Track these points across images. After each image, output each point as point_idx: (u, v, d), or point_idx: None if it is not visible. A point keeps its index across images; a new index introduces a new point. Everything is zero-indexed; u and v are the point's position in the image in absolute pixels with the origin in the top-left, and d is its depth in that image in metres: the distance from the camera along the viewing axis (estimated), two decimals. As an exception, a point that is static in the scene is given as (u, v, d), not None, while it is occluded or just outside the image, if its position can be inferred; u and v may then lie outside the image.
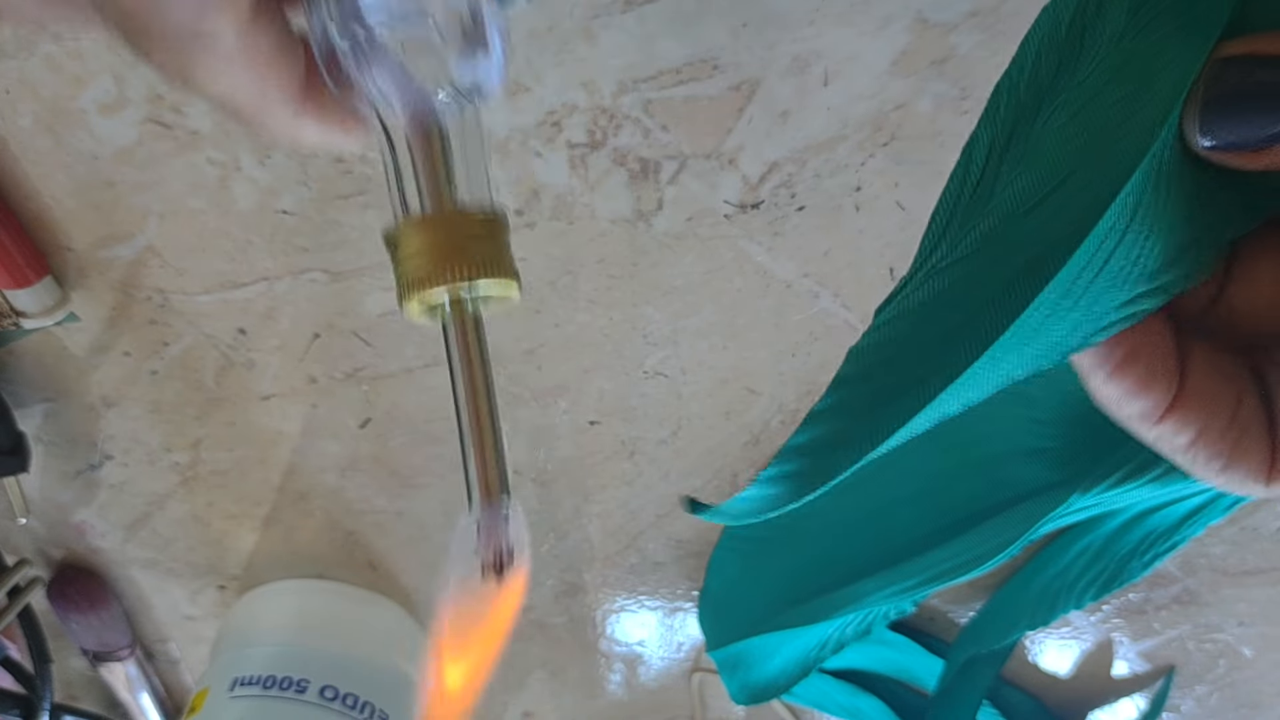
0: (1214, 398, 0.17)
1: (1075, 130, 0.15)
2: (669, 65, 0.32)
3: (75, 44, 0.31)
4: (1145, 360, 0.17)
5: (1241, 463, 0.17)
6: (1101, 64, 0.15)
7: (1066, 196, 0.15)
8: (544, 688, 0.50)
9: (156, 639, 0.47)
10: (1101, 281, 0.16)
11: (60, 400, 0.39)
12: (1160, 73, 0.15)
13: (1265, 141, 0.15)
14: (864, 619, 0.44)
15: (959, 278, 0.16)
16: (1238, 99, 0.15)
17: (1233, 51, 0.15)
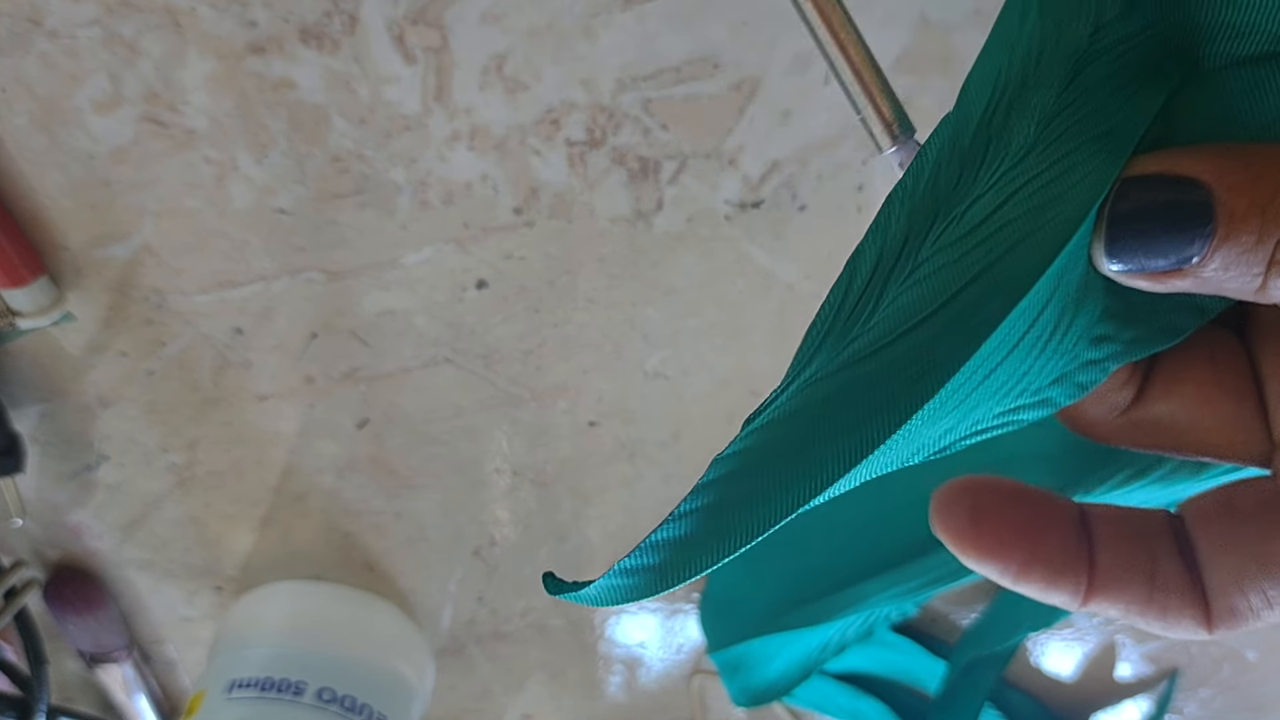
0: (1127, 573, 0.17)
1: (972, 244, 0.14)
2: (669, 63, 0.31)
3: (70, 42, 0.30)
4: (1043, 562, 0.17)
5: (1175, 622, 0.17)
6: (1006, 176, 0.15)
7: (955, 314, 0.14)
8: (543, 690, 0.50)
9: (153, 640, 0.47)
10: (981, 393, 0.15)
11: (56, 400, 0.39)
12: (1069, 190, 0.14)
13: (1176, 265, 0.14)
14: (866, 621, 0.44)
15: (834, 390, 0.15)
16: (1145, 220, 0.14)
17: (1144, 170, 0.14)
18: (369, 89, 0.32)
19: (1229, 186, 0.14)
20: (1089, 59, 0.15)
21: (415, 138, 0.33)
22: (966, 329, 0.14)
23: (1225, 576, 0.16)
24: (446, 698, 0.49)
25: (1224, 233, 0.14)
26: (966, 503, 0.17)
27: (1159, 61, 0.15)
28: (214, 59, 0.31)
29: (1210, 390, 0.17)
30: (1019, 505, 0.17)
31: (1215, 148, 0.14)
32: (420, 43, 0.31)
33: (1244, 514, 0.17)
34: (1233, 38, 0.15)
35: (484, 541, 0.44)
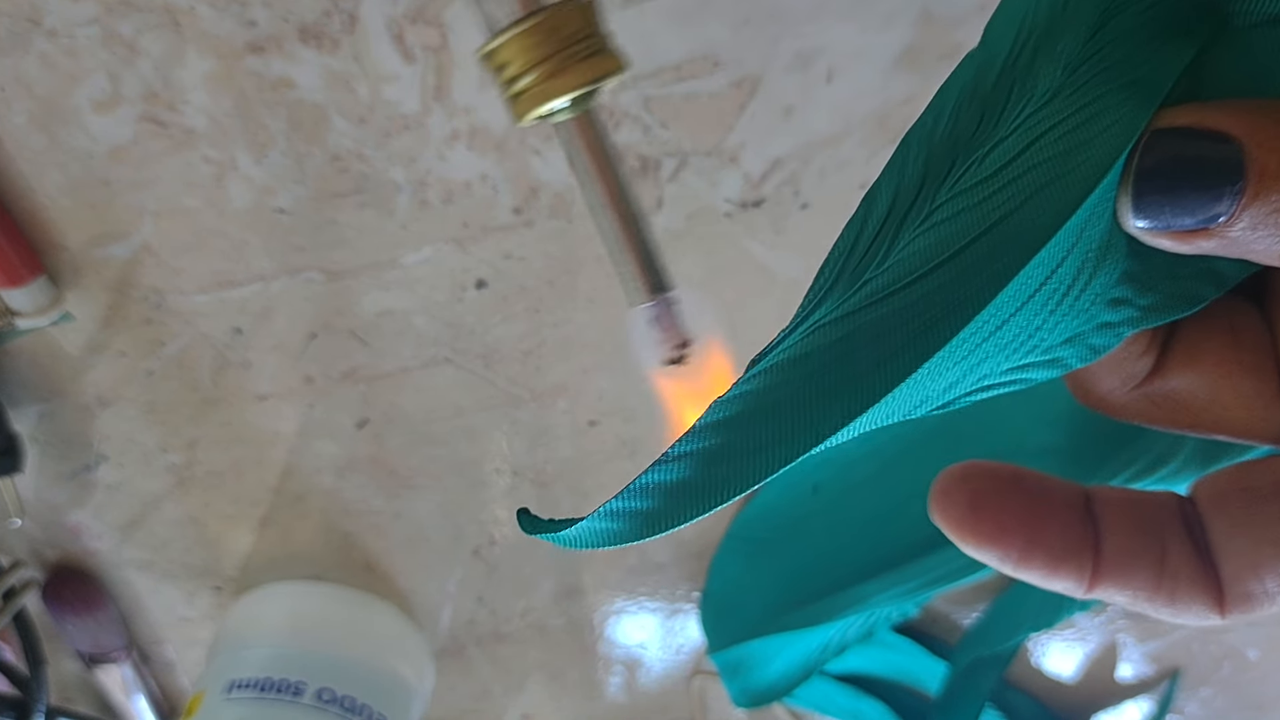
0: (1135, 561, 0.16)
1: (993, 189, 0.14)
2: (669, 62, 0.31)
3: (69, 41, 0.30)
4: (1044, 548, 0.16)
5: (1186, 608, 0.16)
6: (1029, 122, 0.14)
7: (971, 260, 0.14)
8: (543, 690, 0.50)
9: (152, 641, 0.47)
10: (990, 345, 0.15)
11: (55, 400, 0.39)
12: (1095, 137, 0.14)
13: (1202, 223, 0.14)
14: (867, 621, 0.44)
15: (843, 335, 0.14)
16: (1173, 174, 0.14)
17: (1173, 122, 0.14)
18: (368, 88, 0.32)
19: (1260, 143, 0.13)
20: (1116, 9, 0.14)
21: (415, 137, 0.33)
22: (983, 277, 0.14)
23: (1240, 560, 0.16)
24: (446, 698, 0.49)
25: (1254, 190, 0.13)
26: (966, 489, 0.17)
27: (1187, 17, 0.15)
28: (213, 58, 0.31)
29: (1230, 366, 0.17)
30: (1020, 491, 0.17)
31: (1247, 103, 0.14)
32: (420, 42, 0.31)
33: (1261, 495, 0.16)
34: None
35: (484, 541, 0.44)
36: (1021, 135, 0.14)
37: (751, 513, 0.44)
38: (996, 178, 0.14)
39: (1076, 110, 0.14)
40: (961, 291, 0.14)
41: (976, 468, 0.17)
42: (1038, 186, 0.14)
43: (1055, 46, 0.14)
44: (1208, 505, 0.17)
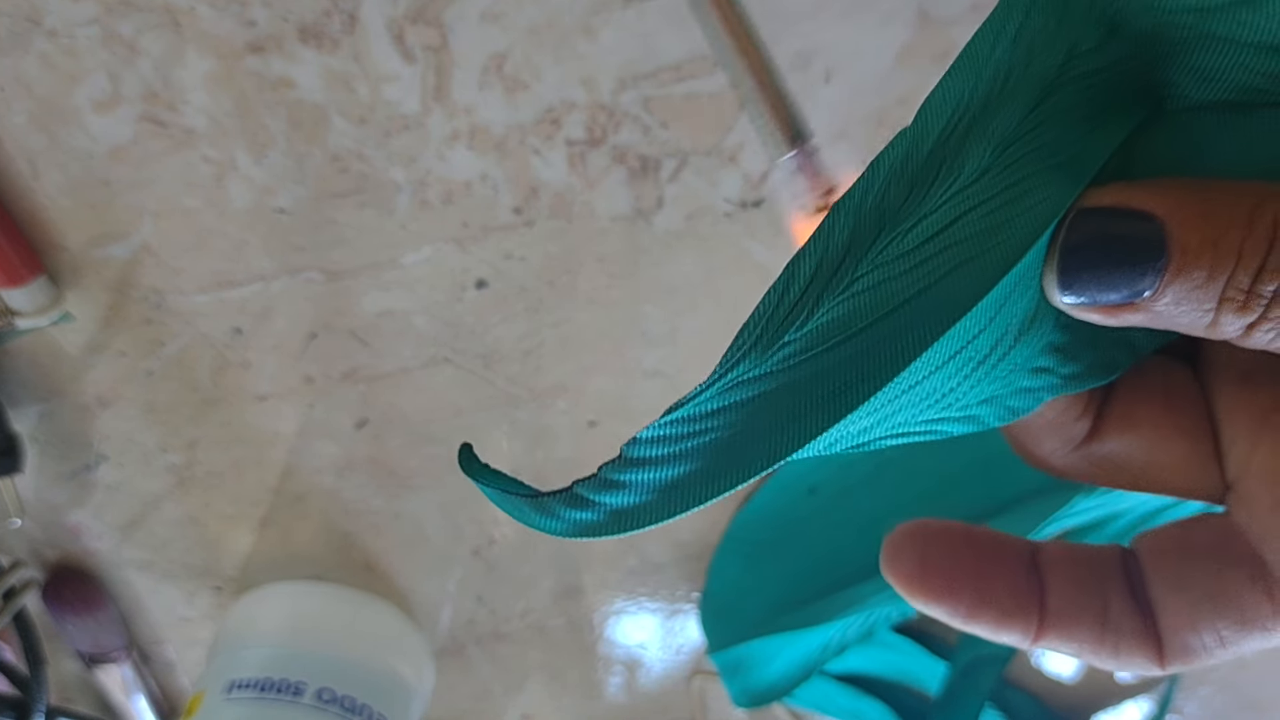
0: (1079, 615, 0.17)
1: (914, 263, 0.14)
2: (669, 62, 0.31)
3: (69, 41, 0.30)
4: (992, 604, 0.17)
5: (1128, 660, 0.17)
6: (955, 199, 0.14)
7: (887, 331, 0.15)
8: (543, 690, 0.50)
9: (152, 641, 0.47)
10: (904, 400, 0.15)
11: (55, 400, 0.39)
12: (1019, 216, 0.14)
13: (1127, 299, 0.14)
14: (866, 621, 0.44)
15: (760, 392, 0.15)
16: (1098, 252, 0.14)
17: (1098, 201, 0.14)
18: (368, 88, 0.32)
19: (1181, 221, 0.14)
20: (1056, 86, 0.15)
21: (415, 137, 0.33)
22: (897, 346, 0.14)
23: (1179, 615, 0.17)
24: (446, 698, 0.49)
25: (1176, 267, 0.14)
26: (916, 548, 0.17)
27: (1125, 96, 0.15)
28: (213, 58, 0.31)
29: (1165, 429, 0.17)
30: (968, 549, 0.18)
31: (1170, 182, 0.14)
32: (420, 42, 0.31)
33: (1198, 551, 0.17)
34: (1200, 81, 0.15)
35: (483, 541, 0.44)
36: (947, 211, 0.14)
37: (750, 514, 0.44)
38: (918, 251, 0.15)
39: (1004, 189, 0.14)
40: (876, 359, 0.14)
41: (925, 527, 0.18)
42: (958, 263, 0.14)
43: (989, 126, 0.14)
44: (1148, 561, 0.17)
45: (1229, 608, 0.16)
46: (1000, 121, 0.14)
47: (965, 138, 0.15)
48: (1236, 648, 0.16)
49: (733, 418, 0.15)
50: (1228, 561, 0.16)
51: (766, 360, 0.15)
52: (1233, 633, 0.16)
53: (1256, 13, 0.14)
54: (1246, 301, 0.14)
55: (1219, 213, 0.14)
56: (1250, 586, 0.16)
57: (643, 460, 0.16)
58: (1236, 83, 0.14)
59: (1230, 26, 0.14)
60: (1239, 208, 0.14)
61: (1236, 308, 0.14)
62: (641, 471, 0.16)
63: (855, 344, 0.15)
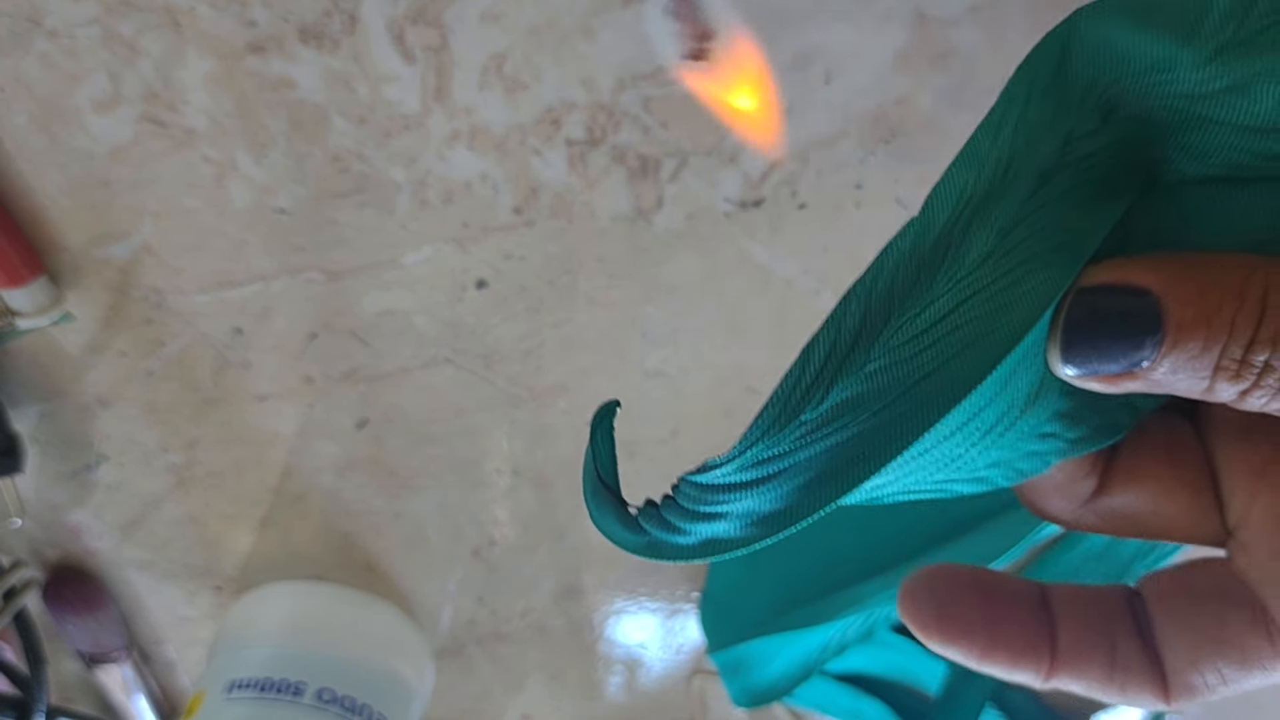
0: (1088, 655, 0.18)
1: (924, 345, 0.15)
2: (669, 62, 0.31)
3: (70, 41, 0.30)
4: (1004, 646, 0.18)
5: (1135, 696, 0.18)
6: (961, 284, 0.15)
7: (898, 411, 0.15)
8: (543, 690, 0.50)
9: (152, 641, 0.47)
10: (914, 465, 0.16)
11: (55, 400, 0.39)
12: (1021, 298, 0.15)
13: (1127, 369, 0.15)
14: (866, 621, 0.44)
15: (779, 470, 0.16)
16: (1098, 327, 0.15)
17: (1095, 280, 0.15)
18: (369, 88, 0.32)
19: (1177, 297, 0.14)
20: (1055, 171, 0.15)
21: (415, 137, 0.33)
22: (908, 424, 0.15)
23: (1182, 655, 0.17)
24: (446, 698, 0.49)
25: (1172, 340, 0.14)
26: (933, 594, 0.18)
27: (1121, 174, 0.16)
28: (213, 58, 0.31)
29: (1168, 483, 0.18)
30: (982, 594, 0.19)
31: (1165, 259, 0.15)
32: (420, 42, 0.31)
33: (1200, 595, 0.18)
34: (1193, 159, 0.16)
35: (484, 541, 0.44)
36: (953, 296, 0.15)
37: (751, 512, 0.44)
38: (927, 335, 0.15)
39: (1006, 272, 0.15)
40: (887, 435, 0.15)
41: (939, 572, 0.19)
42: (964, 344, 0.15)
43: (991, 213, 0.15)
44: (1153, 602, 0.18)
45: (1231, 649, 0.17)
46: (1002, 208, 0.15)
47: (969, 225, 0.15)
48: (1239, 685, 0.17)
49: (744, 494, 0.16)
50: (1230, 605, 0.17)
51: (783, 438, 0.16)
52: (1234, 672, 0.17)
53: (1247, 98, 0.14)
54: (1240, 370, 0.14)
55: (1212, 287, 0.14)
56: (1251, 629, 0.17)
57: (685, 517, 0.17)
58: (1228, 160, 0.15)
59: (1222, 110, 0.15)
60: (1231, 281, 0.14)
61: (1230, 376, 0.14)
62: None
63: (867, 422, 0.16)
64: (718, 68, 0.20)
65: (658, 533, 0.18)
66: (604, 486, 0.19)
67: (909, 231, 0.16)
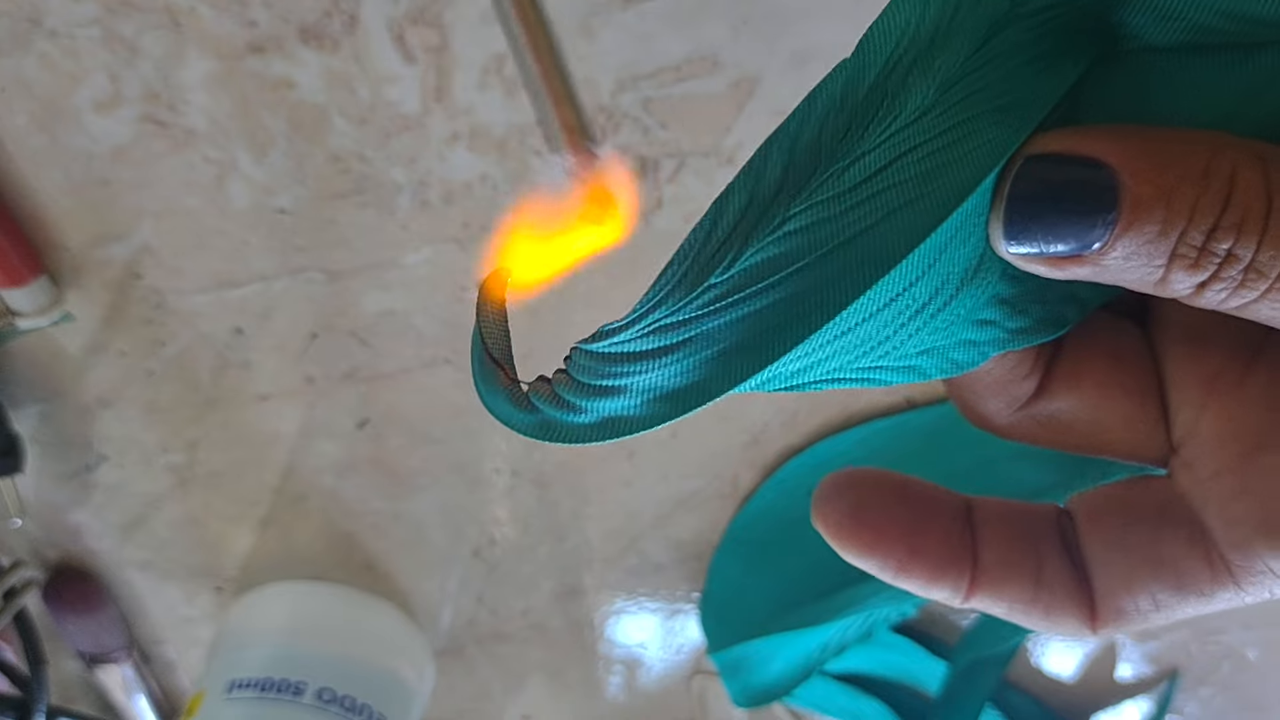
0: (1011, 573, 0.17)
1: (849, 204, 0.14)
2: (668, 62, 0.31)
3: (70, 42, 0.30)
4: (923, 559, 0.17)
5: (1059, 622, 0.17)
6: (895, 138, 0.14)
7: (817, 276, 0.14)
8: (542, 690, 0.50)
9: (153, 641, 0.47)
10: (836, 346, 0.15)
11: (55, 401, 0.39)
12: (961, 159, 0.14)
13: (1076, 250, 0.13)
14: (866, 621, 0.44)
15: (681, 339, 0.15)
16: (1047, 201, 0.14)
17: (1046, 148, 0.14)
18: (369, 89, 0.32)
19: (1135, 171, 0.13)
20: (1006, 23, 0.14)
21: (415, 137, 0.33)
22: (828, 293, 0.14)
23: (1114, 578, 0.16)
24: (446, 698, 0.49)
25: (1127, 220, 0.13)
26: (849, 497, 0.17)
27: (1078, 34, 0.14)
28: (214, 59, 0.31)
29: (1112, 389, 0.17)
30: (902, 500, 0.17)
31: (1123, 129, 0.14)
32: (420, 42, 0.31)
33: (1136, 514, 0.17)
34: (1158, 20, 0.14)
35: (484, 541, 0.44)
36: (885, 151, 0.14)
37: (750, 514, 0.44)
38: (855, 192, 0.14)
39: (944, 130, 0.14)
40: (806, 305, 0.14)
41: (861, 474, 0.17)
42: (895, 206, 0.14)
43: (933, 62, 0.14)
44: (1084, 521, 0.17)
45: (1166, 571, 0.16)
46: (945, 58, 0.14)
47: (909, 72, 0.14)
48: (1171, 612, 0.16)
49: (653, 354, 0.15)
50: (1166, 524, 0.16)
51: (689, 304, 0.14)
52: (1168, 596, 0.16)
53: None
54: (1199, 259, 0.13)
55: (1174, 164, 0.13)
56: (1188, 551, 0.16)
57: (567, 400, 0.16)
58: (1195, 22, 0.14)
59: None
60: (1195, 159, 0.13)
61: (1188, 265, 0.13)
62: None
63: (784, 289, 0.14)
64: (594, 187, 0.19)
65: (552, 411, 0.16)
66: (491, 361, 0.17)
67: (840, 74, 0.14)
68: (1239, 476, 0.16)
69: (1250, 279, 0.13)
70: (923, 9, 0.14)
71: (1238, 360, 0.16)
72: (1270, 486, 0.15)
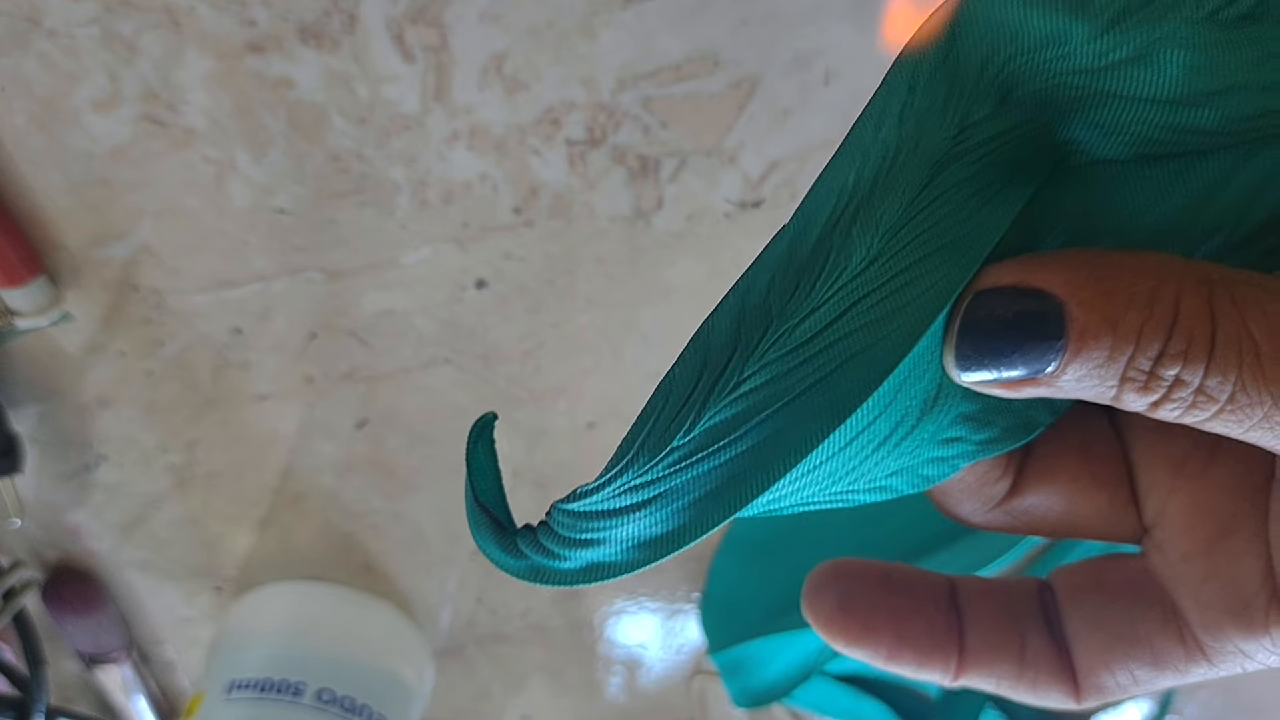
0: (997, 654, 0.17)
1: (802, 358, 0.14)
2: (669, 62, 0.31)
3: (69, 41, 0.30)
4: (911, 646, 0.17)
5: (1045, 695, 0.17)
6: (844, 290, 0.14)
7: (780, 427, 0.14)
8: (543, 691, 0.50)
9: (152, 641, 0.47)
10: (808, 479, 0.15)
11: (55, 400, 0.39)
12: (908, 304, 0.14)
13: (1029, 375, 0.14)
14: (866, 622, 0.44)
15: (649, 498, 0.15)
16: (997, 332, 0.14)
17: (996, 281, 0.14)
18: (368, 88, 0.32)
19: (1081, 301, 0.13)
20: (949, 161, 0.14)
21: (415, 137, 0.33)
22: (787, 446, 0.14)
23: (1093, 655, 0.17)
24: (446, 698, 0.49)
25: (1075, 347, 0.13)
26: (837, 589, 0.18)
27: (1024, 160, 0.15)
28: (213, 58, 0.31)
29: (1084, 481, 0.18)
30: (887, 589, 0.18)
31: (1069, 257, 0.14)
32: (420, 42, 0.31)
33: (1113, 593, 0.17)
34: (1101, 136, 0.14)
35: (483, 542, 0.44)
36: (834, 304, 0.14)
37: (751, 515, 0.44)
38: (807, 347, 0.14)
39: (894, 275, 0.14)
40: (767, 454, 0.14)
41: (846, 567, 0.18)
42: (847, 356, 0.14)
43: (876, 212, 0.14)
44: (1065, 598, 0.18)
45: (1142, 650, 0.17)
46: (889, 205, 0.14)
47: (851, 226, 0.14)
48: (1150, 685, 0.17)
49: (622, 516, 0.16)
50: (1142, 604, 0.17)
51: (655, 466, 0.15)
52: (1145, 673, 0.17)
53: (1150, 69, 0.13)
54: (1148, 383, 0.13)
55: (1119, 292, 0.13)
56: (1162, 630, 0.16)
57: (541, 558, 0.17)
58: (1137, 135, 0.14)
59: (1124, 83, 0.14)
60: (1140, 287, 0.13)
61: (1138, 387, 0.14)
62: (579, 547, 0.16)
63: (745, 442, 0.15)
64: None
65: (538, 558, 0.17)
66: (481, 509, 0.17)
67: (783, 237, 0.15)
68: (1208, 560, 0.16)
69: (1200, 401, 0.13)
70: (860, 164, 0.14)
71: (1203, 446, 0.17)
72: (1237, 570, 0.16)
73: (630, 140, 0.33)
